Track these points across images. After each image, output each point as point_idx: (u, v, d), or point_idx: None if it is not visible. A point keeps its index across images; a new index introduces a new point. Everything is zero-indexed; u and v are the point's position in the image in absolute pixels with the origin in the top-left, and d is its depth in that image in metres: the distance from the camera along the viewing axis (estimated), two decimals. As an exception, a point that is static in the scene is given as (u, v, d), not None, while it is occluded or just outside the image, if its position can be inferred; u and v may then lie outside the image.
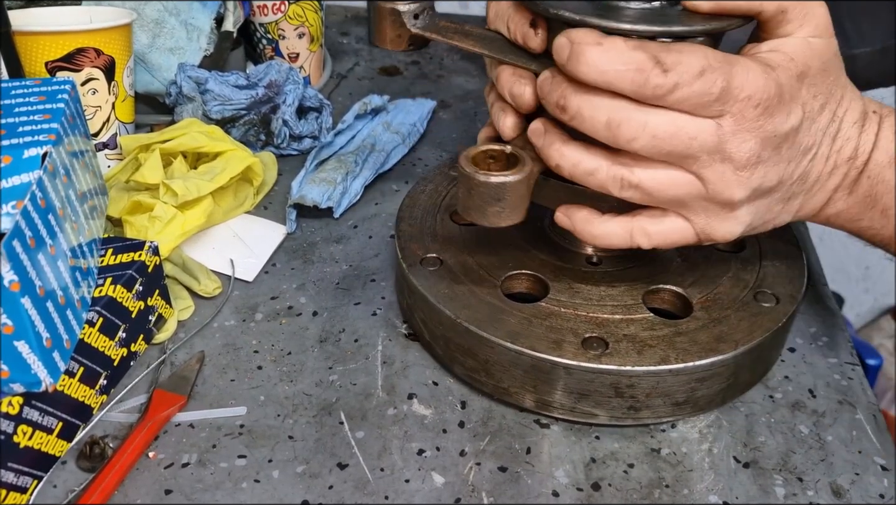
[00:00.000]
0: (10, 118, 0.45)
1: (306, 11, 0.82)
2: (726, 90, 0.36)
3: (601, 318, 0.46)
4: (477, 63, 0.98)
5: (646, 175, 0.39)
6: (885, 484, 0.43)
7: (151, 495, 0.41)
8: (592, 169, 0.39)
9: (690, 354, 0.43)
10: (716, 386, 0.44)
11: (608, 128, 0.37)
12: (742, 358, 0.44)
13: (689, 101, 0.36)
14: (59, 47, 0.59)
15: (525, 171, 0.40)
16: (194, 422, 0.45)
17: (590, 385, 0.43)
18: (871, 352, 1.25)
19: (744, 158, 0.38)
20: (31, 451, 0.40)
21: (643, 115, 0.37)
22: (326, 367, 0.50)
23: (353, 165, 0.67)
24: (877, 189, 0.42)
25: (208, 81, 0.70)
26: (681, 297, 0.48)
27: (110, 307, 0.46)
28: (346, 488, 0.42)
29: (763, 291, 0.48)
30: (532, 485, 0.42)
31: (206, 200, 0.58)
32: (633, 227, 0.41)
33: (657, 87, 0.36)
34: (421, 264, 0.50)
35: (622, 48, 0.36)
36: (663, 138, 0.37)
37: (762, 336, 0.45)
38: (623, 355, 0.43)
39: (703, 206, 0.40)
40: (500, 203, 0.40)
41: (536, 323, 0.45)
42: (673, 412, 0.44)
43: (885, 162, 0.42)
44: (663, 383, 0.43)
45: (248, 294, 0.56)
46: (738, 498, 0.42)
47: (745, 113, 0.37)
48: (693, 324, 0.45)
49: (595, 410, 0.44)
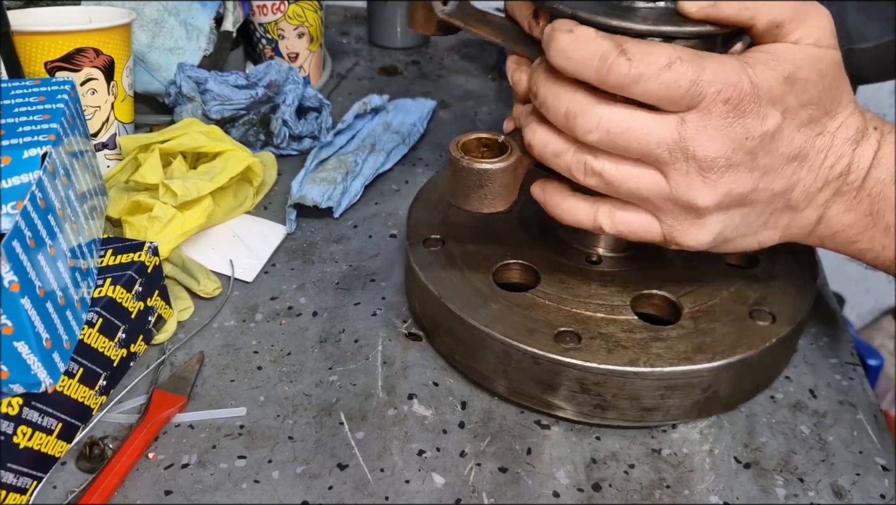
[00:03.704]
0: (10, 118, 0.45)
1: (306, 11, 0.82)
2: (695, 83, 0.35)
3: (583, 314, 0.46)
4: (477, 63, 0.98)
5: (609, 164, 0.38)
6: (886, 484, 0.43)
7: (151, 496, 0.41)
8: (560, 151, 0.39)
9: (662, 359, 0.42)
10: (690, 397, 0.43)
11: (566, 118, 0.38)
12: (720, 372, 0.43)
13: (656, 93, 0.35)
14: (58, 47, 0.59)
15: (510, 160, 0.41)
16: (194, 422, 0.45)
17: (556, 378, 0.43)
18: (871, 352, 1.25)
19: (710, 158, 0.36)
20: (31, 451, 0.40)
21: (600, 108, 0.37)
22: (326, 367, 0.50)
23: (353, 165, 0.67)
24: (878, 207, 0.40)
25: (208, 81, 0.70)
26: (672, 303, 0.47)
27: (110, 308, 0.45)
28: (346, 489, 0.42)
29: (761, 308, 0.46)
30: (533, 486, 0.42)
31: (206, 201, 0.58)
32: (599, 207, 0.41)
33: (620, 76, 0.35)
34: (423, 244, 0.52)
35: (590, 36, 0.36)
36: (617, 133, 0.37)
37: (746, 353, 0.43)
38: (592, 352, 0.43)
39: (668, 206, 0.39)
40: (482, 189, 0.41)
41: (517, 311, 0.46)
42: (642, 417, 0.44)
43: (887, 179, 0.40)
44: (630, 386, 0.42)
45: (247, 294, 0.56)
46: (739, 499, 0.42)
47: (711, 108, 0.36)
48: (675, 332, 0.44)
49: (562, 404, 0.44)
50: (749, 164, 0.37)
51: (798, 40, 0.38)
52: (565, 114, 0.38)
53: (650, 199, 0.39)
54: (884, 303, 1.61)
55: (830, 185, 0.40)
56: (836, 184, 0.40)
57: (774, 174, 0.38)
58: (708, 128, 0.36)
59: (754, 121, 0.36)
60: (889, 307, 1.62)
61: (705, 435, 0.45)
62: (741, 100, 0.36)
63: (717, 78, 0.35)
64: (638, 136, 0.37)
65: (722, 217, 0.39)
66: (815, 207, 0.41)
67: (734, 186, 0.38)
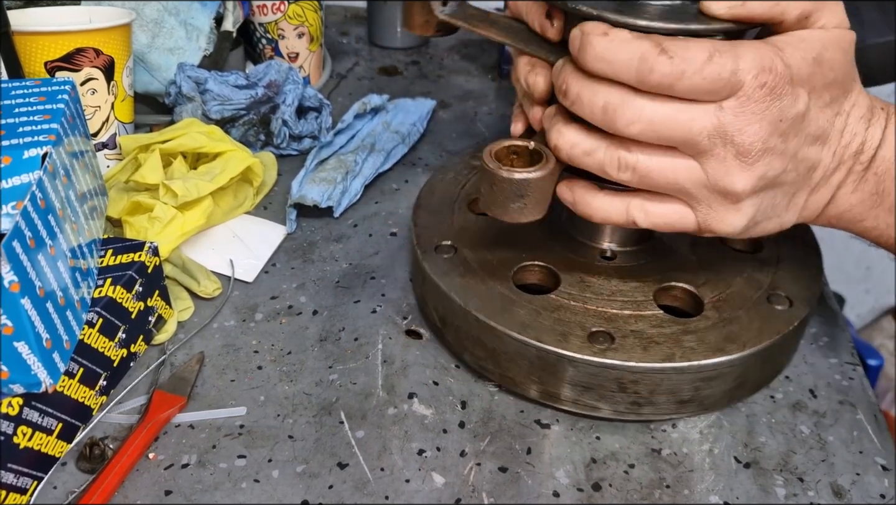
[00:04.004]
0: (10, 118, 0.45)
1: (306, 11, 0.82)
2: (735, 72, 0.35)
3: (610, 312, 0.46)
4: (477, 63, 0.98)
5: (644, 156, 0.38)
6: (886, 484, 0.43)
7: (151, 496, 0.41)
8: (591, 149, 0.39)
9: (696, 352, 0.43)
10: (722, 386, 0.44)
11: (605, 112, 0.37)
12: (750, 360, 0.44)
13: (700, 87, 0.36)
14: (58, 47, 0.59)
15: (548, 167, 0.40)
16: (194, 423, 0.45)
17: (593, 379, 0.43)
18: (871, 352, 1.25)
19: (747, 143, 0.37)
20: (31, 452, 0.40)
21: (641, 99, 0.37)
22: (326, 366, 0.50)
23: (353, 165, 0.67)
24: (884, 185, 0.41)
25: (208, 81, 0.70)
26: (692, 295, 0.48)
27: (110, 308, 0.45)
28: (346, 488, 0.42)
29: (777, 293, 0.47)
30: (532, 485, 0.42)
31: (206, 201, 0.58)
32: (630, 202, 0.41)
33: (664, 76, 0.35)
34: (435, 252, 0.51)
35: (626, 38, 0.36)
36: (660, 122, 0.37)
37: (772, 339, 0.44)
38: (628, 351, 0.43)
39: (704, 194, 0.39)
40: (522, 199, 0.40)
41: (545, 315, 0.45)
42: (677, 410, 0.44)
43: (893, 159, 0.41)
44: (667, 381, 0.43)
45: (247, 294, 0.56)
46: (739, 498, 0.42)
47: (751, 94, 0.36)
48: (702, 323, 0.45)
49: (598, 404, 0.44)
50: (782, 147, 0.38)
51: (824, 25, 0.38)
52: (603, 107, 0.37)
53: (686, 189, 0.39)
54: (884, 303, 1.61)
55: (845, 164, 0.41)
56: (850, 163, 0.41)
57: (802, 155, 0.39)
58: (746, 113, 0.36)
59: (789, 102, 0.37)
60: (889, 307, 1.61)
61: (705, 435, 0.45)
62: (777, 83, 0.36)
63: (755, 64, 0.36)
64: (682, 122, 0.37)
65: (755, 200, 0.40)
66: (830, 188, 0.42)
67: (768, 169, 0.38)
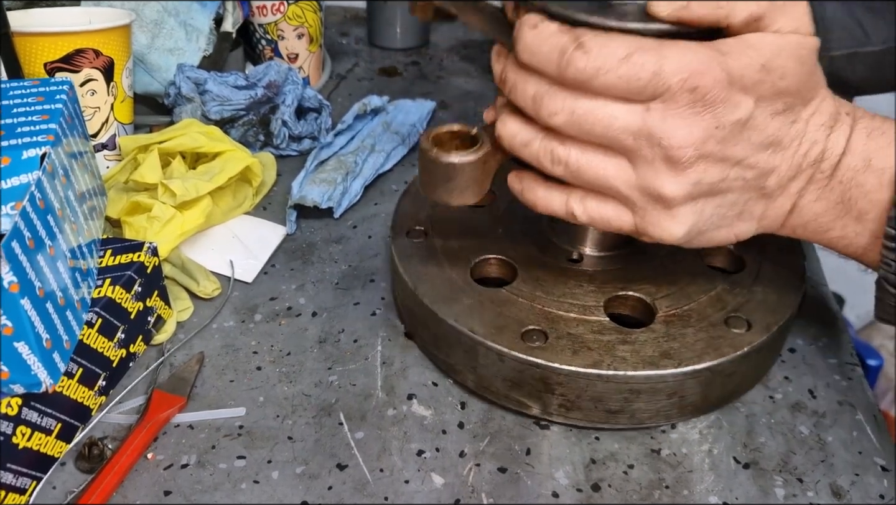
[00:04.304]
0: (9, 119, 0.45)
1: (305, 12, 0.82)
2: (657, 74, 0.34)
3: (554, 314, 0.45)
4: (477, 63, 0.98)
5: (576, 151, 0.38)
6: (885, 485, 0.43)
7: (150, 497, 0.41)
8: (527, 140, 0.39)
9: (626, 363, 0.42)
10: (655, 403, 0.43)
11: (533, 101, 0.37)
12: (686, 379, 0.42)
13: (616, 87, 0.35)
14: (57, 48, 0.59)
15: (478, 154, 0.41)
16: (193, 423, 0.45)
17: (520, 375, 0.43)
18: (871, 352, 1.25)
19: (675, 147, 0.35)
20: (30, 452, 0.40)
21: (564, 92, 0.36)
22: (326, 367, 0.50)
23: (353, 166, 0.67)
24: (850, 194, 0.39)
25: (207, 82, 0.70)
26: (646, 305, 0.47)
27: (109, 308, 0.45)
28: (346, 489, 0.42)
29: (738, 315, 0.45)
30: (532, 486, 0.42)
31: (205, 201, 0.58)
32: (571, 195, 0.40)
33: (578, 71, 0.35)
34: (407, 235, 0.52)
35: (552, 31, 0.36)
36: (581, 115, 0.36)
37: (714, 360, 0.42)
38: (557, 352, 0.42)
39: (636, 196, 0.38)
40: (450, 182, 0.41)
41: (488, 307, 0.46)
42: (606, 419, 0.44)
43: (859, 166, 0.39)
44: (592, 387, 0.42)
45: (247, 295, 0.56)
46: (738, 499, 0.42)
47: (677, 98, 0.35)
48: (645, 335, 0.44)
49: (528, 402, 0.44)
50: (720, 154, 0.37)
51: (779, 30, 0.36)
52: (532, 97, 0.37)
53: (617, 188, 0.38)
54: (884, 303, 1.61)
55: (805, 173, 0.39)
56: (810, 171, 0.39)
57: (747, 162, 0.38)
58: (674, 116, 0.35)
59: (725, 109, 0.35)
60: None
61: (704, 435, 0.45)
62: (711, 88, 0.35)
63: (682, 67, 0.34)
64: (602, 119, 0.36)
65: (693, 208, 0.38)
66: (789, 196, 0.40)
67: (704, 176, 0.37)
